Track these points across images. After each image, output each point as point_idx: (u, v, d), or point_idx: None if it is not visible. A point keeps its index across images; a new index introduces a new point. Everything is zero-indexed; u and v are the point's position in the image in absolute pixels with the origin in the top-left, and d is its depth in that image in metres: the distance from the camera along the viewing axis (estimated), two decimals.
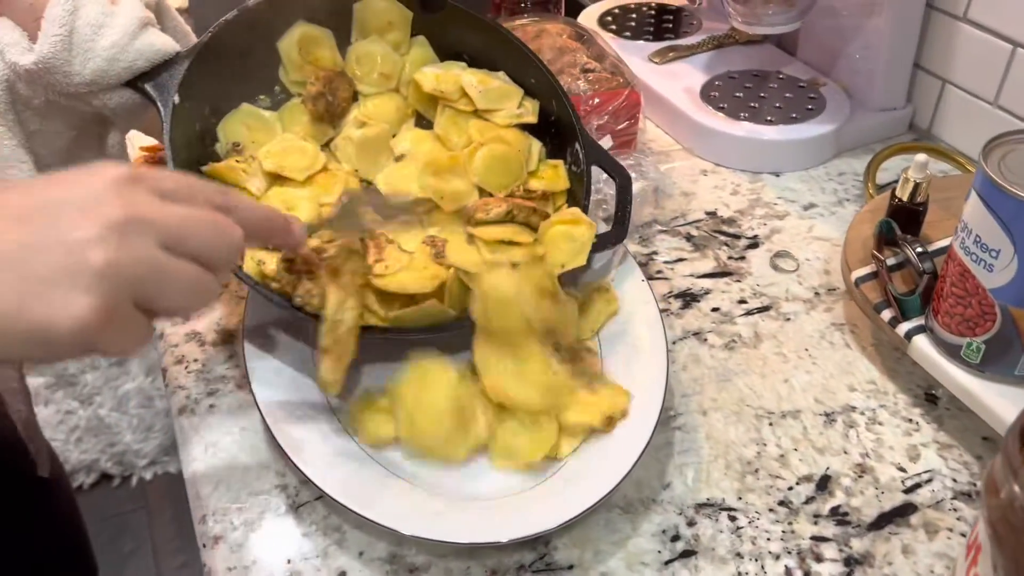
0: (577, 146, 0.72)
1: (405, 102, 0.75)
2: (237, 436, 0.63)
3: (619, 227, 0.69)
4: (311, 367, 0.64)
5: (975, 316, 0.58)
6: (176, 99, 0.63)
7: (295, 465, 0.56)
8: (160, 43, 0.63)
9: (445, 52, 0.76)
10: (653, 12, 1.13)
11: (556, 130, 0.74)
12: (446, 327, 0.62)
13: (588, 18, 1.12)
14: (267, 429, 0.59)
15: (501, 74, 0.75)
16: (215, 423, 0.64)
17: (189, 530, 0.57)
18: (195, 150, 0.67)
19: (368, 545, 0.56)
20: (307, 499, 0.59)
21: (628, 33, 1.08)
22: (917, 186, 0.68)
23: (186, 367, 0.68)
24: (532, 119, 0.73)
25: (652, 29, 1.09)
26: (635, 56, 1.02)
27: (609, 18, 1.12)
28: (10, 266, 0.39)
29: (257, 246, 0.51)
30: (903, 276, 0.67)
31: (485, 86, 0.72)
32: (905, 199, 0.69)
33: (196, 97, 0.66)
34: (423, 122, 0.76)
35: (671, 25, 1.10)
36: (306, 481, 0.58)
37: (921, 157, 0.67)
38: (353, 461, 0.58)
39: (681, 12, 1.12)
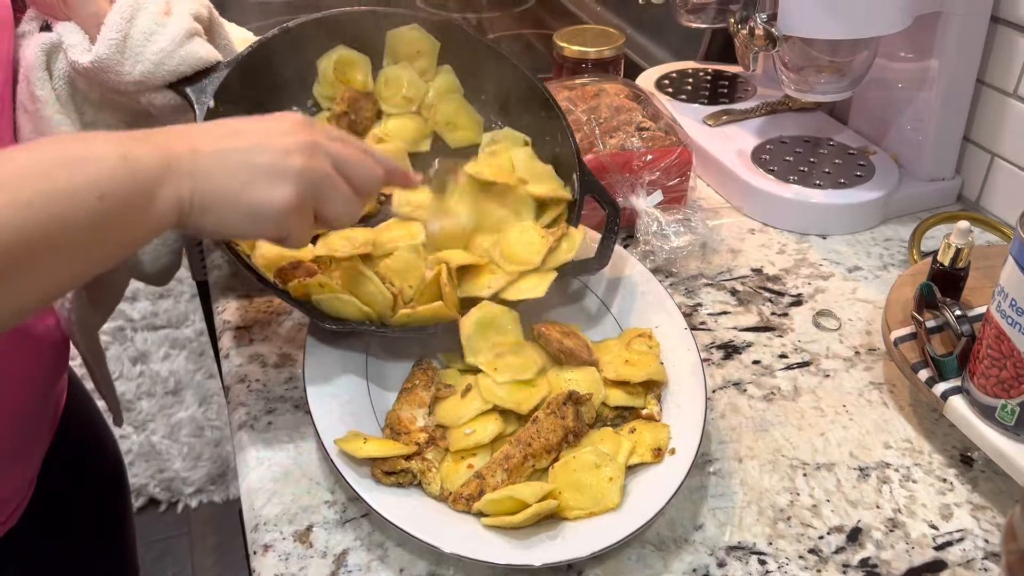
0: (574, 176, 0.77)
1: (425, 124, 0.82)
2: (292, 452, 0.67)
3: (601, 256, 0.73)
4: (365, 392, 0.67)
5: (1010, 378, 0.59)
6: (211, 103, 0.70)
7: (346, 482, 0.59)
8: (203, 52, 0.70)
9: (466, 82, 0.83)
10: (709, 77, 1.17)
11: (560, 161, 0.79)
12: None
13: (646, 81, 1.17)
14: (321, 447, 0.62)
15: (549, 168, 0.79)
16: (272, 439, 0.68)
17: (229, 558, 0.61)
18: None
19: (409, 563, 0.59)
20: (354, 515, 0.62)
21: (684, 96, 1.12)
22: (958, 251, 0.70)
23: (248, 386, 0.73)
24: (568, 197, 0.77)
25: (708, 93, 1.13)
26: (690, 118, 1.06)
27: (666, 81, 1.16)
28: (239, 160, 0.54)
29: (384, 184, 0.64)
30: (942, 339, 0.69)
31: (530, 167, 0.78)
32: (946, 264, 0.71)
33: (232, 103, 0.71)
34: (438, 143, 0.83)
35: (726, 90, 1.14)
36: (355, 498, 0.61)
37: (963, 224, 0.69)
38: None
39: (736, 78, 1.16)
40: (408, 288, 0.70)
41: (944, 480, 0.65)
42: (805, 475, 0.65)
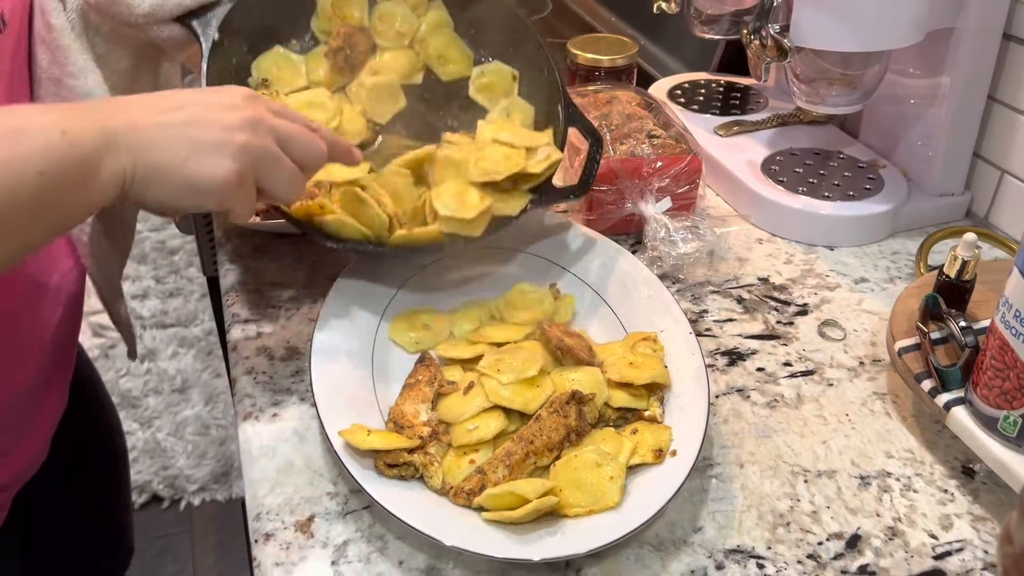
0: (559, 108, 0.81)
1: (417, 57, 0.86)
2: (296, 444, 0.67)
3: (581, 185, 0.78)
4: (370, 387, 0.68)
5: (1013, 389, 0.59)
6: (216, 36, 0.74)
7: (349, 473, 0.59)
8: None
9: (457, 17, 0.87)
10: (722, 88, 1.18)
11: (547, 93, 0.83)
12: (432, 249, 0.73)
13: (659, 90, 1.18)
14: (325, 438, 0.63)
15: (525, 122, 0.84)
16: (276, 431, 0.68)
17: (230, 557, 0.62)
18: (229, 80, 0.77)
19: (408, 555, 0.59)
20: (355, 507, 0.62)
21: (696, 106, 1.13)
22: (965, 264, 0.70)
23: (255, 378, 0.73)
24: (558, 155, 0.79)
25: (719, 104, 1.14)
26: (701, 127, 1.06)
27: (679, 91, 1.17)
28: (179, 135, 0.54)
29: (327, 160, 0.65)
30: (946, 350, 0.69)
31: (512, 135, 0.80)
32: (952, 276, 0.71)
33: (235, 36, 0.76)
34: (430, 76, 0.86)
35: (738, 102, 1.14)
36: (357, 490, 0.62)
37: (970, 236, 0.70)
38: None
39: (749, 90, 1.17)
40: (402, 213, 0.73)
41: (945, 491, 0.65)
42: (806, 481, 0.66)
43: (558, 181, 0.79)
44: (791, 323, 0.82)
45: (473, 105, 0.86)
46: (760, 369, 0.76)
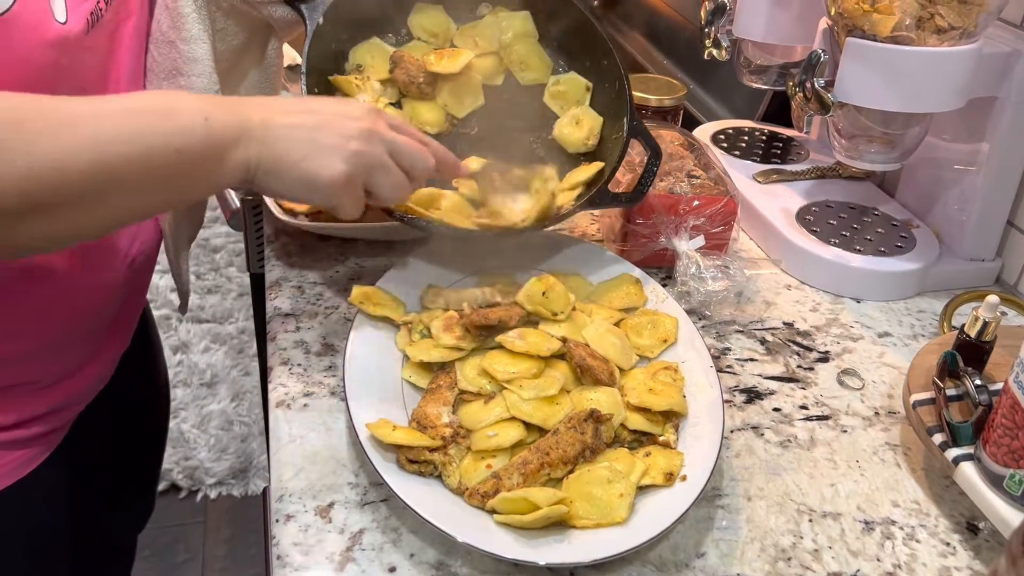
0: (624, 120, 0.88)
1: (500, 62, 0.94)
2: (323, 434, 0.70)
3: (637, 192, 0.85)
4: (399, 388, 0.71)
5: (1021, 448, 0.61)
6: (320, 20, 0.81)
7: (371, 464, 0.62)
8: None
9: (541, 26, 0.94)
10: (764, 137, 1.20)
11: (616, 105, 0.90)
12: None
13: (703, 133, 1.21)
14: (352, 430, 0.66)
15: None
16: (306, 419, 0.71)
17: (240, 552, 0.65)
18: (327, 63, 0.86)
19: (420, 549, 0.62)
20: (373, 499, 0.65)
21: (738, 152, 1.16)
22: (985, 324, 0.72)
23: (290, 368, 0.77)
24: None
25: (761, 152, 1.16)
26: (740, 172, 1.09)
27: (722, 136, 1.20)
28: (304, 136, 0.63)
29: (433, 175, 0.72)
30: (960, 407, 0.70)
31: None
32: (972, 335, 0.72)
33: (338, 23, 0.84)
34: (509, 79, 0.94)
35: (779, 151, 1.17)
36: (377, 483, 0.65)
37: (992, 298, 0.71)
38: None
39: (791, 141, 1.19)
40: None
41: (947, 544, 0.67)
42: (811, 520, 0.67)
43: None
44: (811, 368, 0.84)
45: (545, 110, 0.93)
46: (776, 409, 0.78)
